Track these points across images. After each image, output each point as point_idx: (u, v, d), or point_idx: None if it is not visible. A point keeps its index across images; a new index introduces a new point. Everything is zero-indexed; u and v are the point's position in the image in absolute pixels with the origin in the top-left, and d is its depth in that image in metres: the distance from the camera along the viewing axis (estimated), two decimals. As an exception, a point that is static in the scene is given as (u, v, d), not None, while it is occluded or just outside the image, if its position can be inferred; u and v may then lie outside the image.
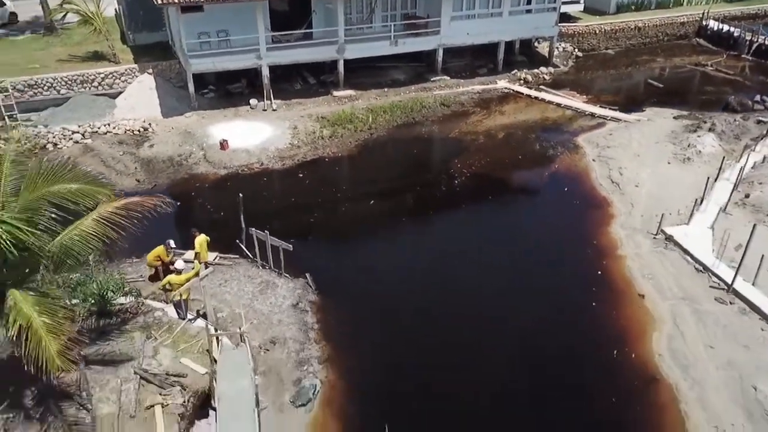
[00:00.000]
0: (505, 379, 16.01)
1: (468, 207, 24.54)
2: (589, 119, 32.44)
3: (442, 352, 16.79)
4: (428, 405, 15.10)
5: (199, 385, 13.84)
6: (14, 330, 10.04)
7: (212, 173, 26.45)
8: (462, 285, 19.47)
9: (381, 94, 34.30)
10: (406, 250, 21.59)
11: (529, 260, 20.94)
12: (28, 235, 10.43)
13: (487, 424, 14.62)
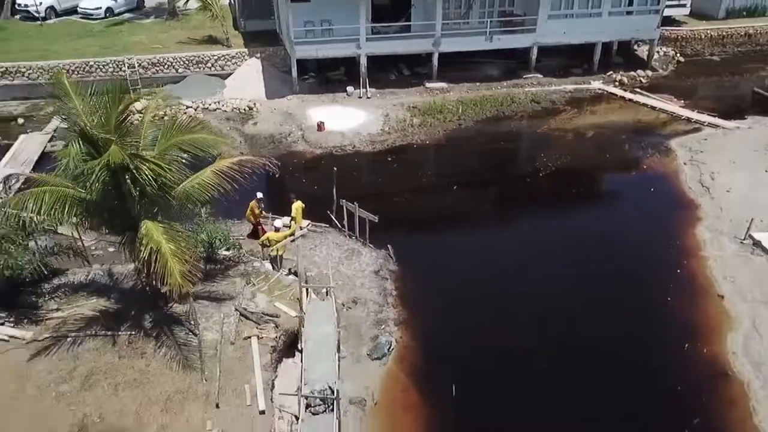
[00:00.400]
0: (574, 357, 16.59)
1: (550, 199, 25.02)
2: (684, 124, 31.79)
3: (512, 329, 17.58)
4: (494, 374, 15.97)
5: (290, 326, 15.48)
6: (146, 253, 11.98)
7: (308, 151, 28.40)
8: (538, 271, 20.12)
9: (472, 88, 35.12)
10: (484, 235, 22.47)
11: (608, 254, 21.20)
12: (166, 171, 12.37)
13: (547, 399, 15.29)
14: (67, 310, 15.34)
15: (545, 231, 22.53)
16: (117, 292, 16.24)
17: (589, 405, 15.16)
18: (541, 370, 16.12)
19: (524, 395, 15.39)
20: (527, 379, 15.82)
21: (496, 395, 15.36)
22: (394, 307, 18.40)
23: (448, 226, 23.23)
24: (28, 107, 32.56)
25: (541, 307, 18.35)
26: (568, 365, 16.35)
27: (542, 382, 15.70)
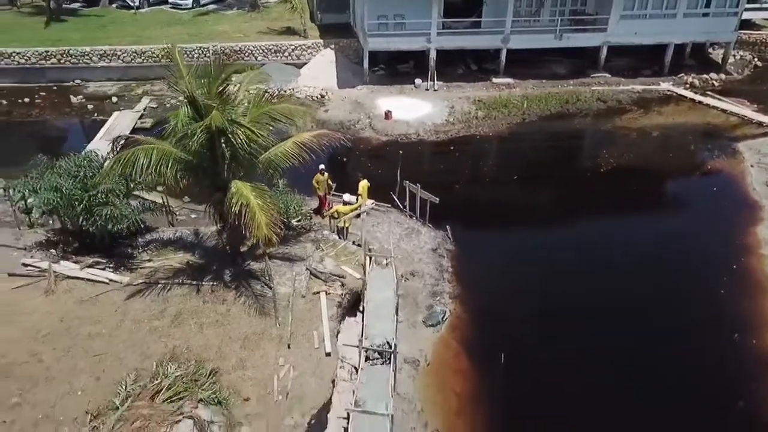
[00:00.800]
0: (624, 339, 17.19)
1: (609, 195, 25.38)
2: (755, 128, 31.32)
3: (563, 312, 18.26)
4: (542, 350, 16.79)
5: (354, 286, 16.88)
6: (236, 207, 13.62)
7: (375, 138, 29.83)
8: (594, 261, 20.76)
9: (538, 85, 35.67)
10: (541, 225, 23.13)
11: (667, 248, 21.47)
12: (258, 136, 13.98)
13: (592, 376, 16.01)
14: (157, 261, 17.29)
15: (603, 224, 23.12)
16: (201, 249, 18.10)
17: (635, 381, 15.80)
18: (590, 349, 16.83)
19: (571, 373, 16.10)
20: (576, 358, 16.52)
21: (542, 369, 16.16)
22: (449, 282, 19.46)
23: (505, 214, 24.03)
24: (120, 88, 35.51)
25: (596, 296, 19.00)
26: (618, 347, 16.97)
27: (590, 361, 16.42)
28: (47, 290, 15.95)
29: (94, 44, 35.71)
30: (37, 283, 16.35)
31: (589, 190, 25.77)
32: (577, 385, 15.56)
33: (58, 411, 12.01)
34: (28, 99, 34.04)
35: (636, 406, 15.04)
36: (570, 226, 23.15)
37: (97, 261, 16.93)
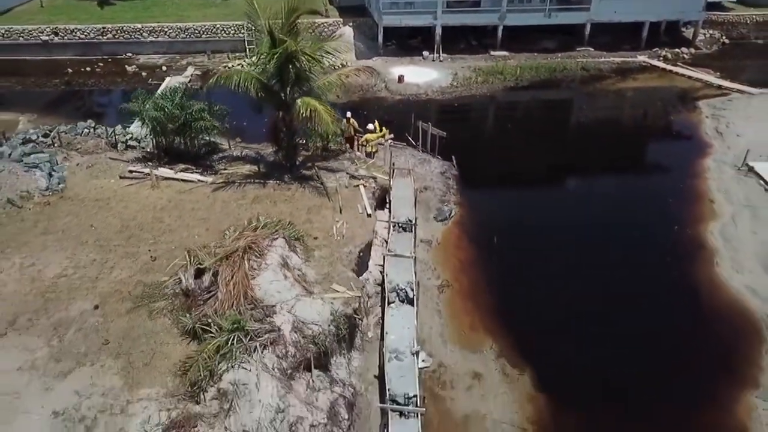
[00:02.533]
0: (596, 234, 22.50)
1: (587, 136, 30.79)
2: (715, 90, 36.56)
3: (543, 216, 23.58)
4: (520, 235, 22.14)
5: (383, 184, 22.23)
6: (307, 112, 18.97)
7: (390, 97, 35.14)
8: (571, 180, 26.16)
9: (530, 57, 40.91)
10: (527, 157, 28.42)
11: (631, 173, 26.96)
12: (318, 61, 19.35)
13: (558, 254, 21.37)
14: (231, 169, 22.63)
15: (579, 154, 28.44)
16: (263, 163, 23.44)
17: (597, 254, 21.17)
18: (558, 234, 22.20)
19: (542, 249, 21.43)
20: (546, 240, 21.87)
21: (519, 246, 21.49)
22: (454, 195, 24.75)
23: (499, 150, 29.49)
24: (167, 59, 40.85)
25: (566, 204, 24.44)
26: (591, 238, 22.32)
27: (555, 241, 21.78)
28: (153, 185, 21.28)
29: (144, 22, 41.03)
30: (143, 182, 21.68)
31: (569, 133, 31.23)
32: (546, 256, 21.05)
33: (184, 245, 17.28)
34: (89, 68, 39.46)
35: (585, 268, 20.51)
36: (550, 157, 28.49)
37: (186, 167, 22.26)
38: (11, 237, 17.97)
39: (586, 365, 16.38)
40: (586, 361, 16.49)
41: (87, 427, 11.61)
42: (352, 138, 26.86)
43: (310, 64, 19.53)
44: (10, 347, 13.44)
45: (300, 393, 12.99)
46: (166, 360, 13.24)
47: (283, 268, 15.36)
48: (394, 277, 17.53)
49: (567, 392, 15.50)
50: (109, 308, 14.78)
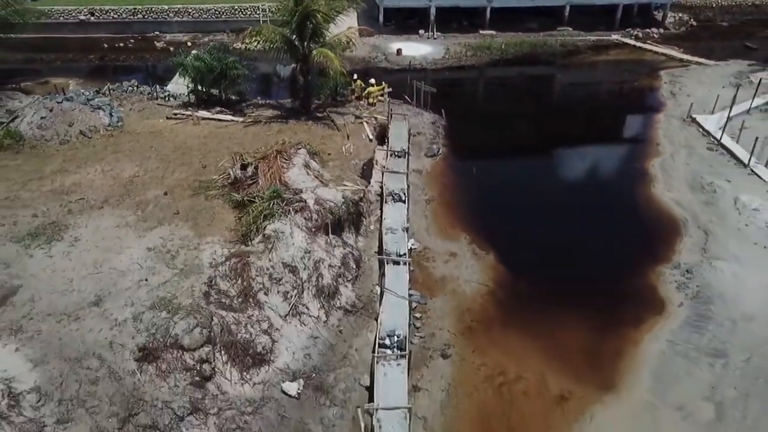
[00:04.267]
0: (559, 164, 27.46)
1: (560, 97, 35.82)
2: (677, 62, 41.45)
3: (511, 149, 28.58)
4: (493, 166, 27.09)
5: (382, 123, 27.14)
6: (321, 57, 23.86)
7: (389, 67, 40.04)
8: (544, 131, 31.09)
9: (515, 36, 45.74)
10: (505, 108, 33.56)
11: (594, 124, 31.94)
12: (330, 18, 24.28)
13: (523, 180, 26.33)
14: (256, 112, 27.55)
15: (550, 110, 33.39)
16: (283, 109, 28.37)
17: (556, 177, 26.11)
18: (526, 171, 27.16)
19: (512, 177, 26.45)
20: (515, 175, 26.86)
21: (492, 174, 26.57)
22: (442, 139, 29.68)
23: (482, 106, 34.77)
24: (191, 37, 45.74)
25: (538, 147, 29.38)
26: (553, 167, 27.27)
27: (524, 176, 26.73)
28: (194, 123, 26.20)
29: (170, 4, 45.97)
30: (185, 121, 26.59)
31: (545, 94, 36.24)
32: (512, 181, 26.10)
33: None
34: (122, 44, 44.39)
35: (546, 186, 25.48)
36: (526, 112, 33.53)
37: (221, 110, 27.19)
38: (88, 156, 22.87)
39: (538, 248, 21.36)
40: (538, 246, 21.49)
41: (172, 255, 16.50)
42: (359, 96, 31.79)
43: (324, 21, 24.40)
44: (107, 215, 18.33)
45: (321, 244, 17.90)
46: (222, 222, 18.15)
47: (305, 168, 20.26)
48: (390, 185, 22.43)
49: (519, 265, 20.46)
50: (175, 194, 19.68)
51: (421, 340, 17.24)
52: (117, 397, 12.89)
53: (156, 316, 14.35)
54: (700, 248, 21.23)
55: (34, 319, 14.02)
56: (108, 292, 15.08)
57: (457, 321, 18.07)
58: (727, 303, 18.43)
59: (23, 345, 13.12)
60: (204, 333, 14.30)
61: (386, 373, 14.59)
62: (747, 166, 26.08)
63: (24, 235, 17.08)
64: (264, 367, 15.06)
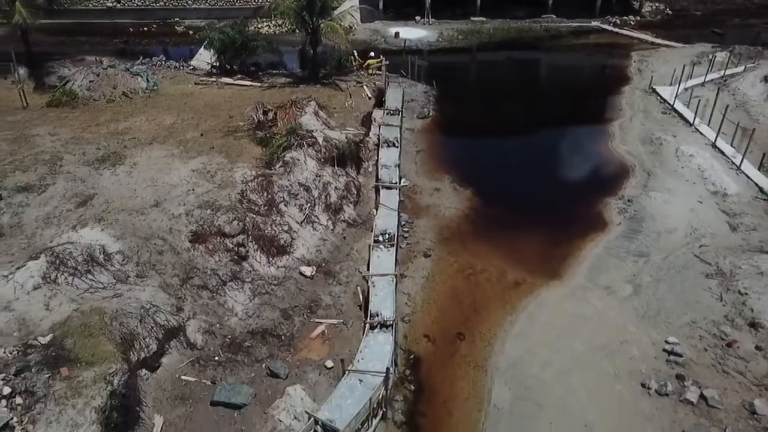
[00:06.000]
0: (532, 124, 31.90)
1: (542, 73, 40.39)
2: (649, 45, 45.79)
3: (497, 116, 33.00)
4: (476, 127, 31.52)
5: (381, 88, 31.60)
6: (328, 29, 28.30)
7: (388, 48, 44.40)
8: (528, 95, 35.53)
9: (503, 22, 50.11)
10: (489, 81, 37.95)
11: (567, 94, 36.37)
12: None
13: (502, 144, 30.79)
14: (272, 79, 32.00)
15: (531, 83, 37.82)
16: (295, 77, 32.84)
17: (527, 135, 30.58)
18: (504, 130, 31.60)
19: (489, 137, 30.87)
20: (493, 131, 31.29)
21: (475, 132, 30.96)
22: (433, 104, 34.11)
23: (470, 78, 39.32)
24: (207, 23, 50.00)
25: (516, 111, 33.82)
26: (526, 126, 31.72)
27: (501, 133, 31.19)
28: (219, 87, 30.67)
29: (188, -8, 50.48)
30: (210, 86, 31.07)
31: (527, 71, 40.70)
32: (491, 136, 30.53)
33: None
34: (146, 29, 48.90)
35: (517, 142, 29.97)
36: (509, 84, 37.98)
37: (241, 77, 31.66)
38: (132, 110, 27.29)
39: (508, 186, 26.02)
40: (508, 185, 26.19)
41: (211, 175, 20.92)
42: (360, 67, 36.27)
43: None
44: (156, 149, 22.76)
45: (329, 172, 22.36)
46: (249, 153, 22.58)
47: (315, 115, 24.69)
48: (386, 135, 26.90)
49: (491, 198, 24.97)
50: (209, 135, 24.11)
51: (408, 246, 21.66)
52: (177, 264, 17.34)
53: (203, 212, 18.82)
54: (642, 185, 25.62)
55: (111, 213, 18.46)
56: (164, 197, 19.52)
57: (437, 234, 22.50)
58: (656, 221, 22.83)
59: (106, 228, 17.58)
60: (240, 225, 18.75)
61: (379, 256, 19.04)
62: (692, 125, 30.46)
63: (93, 160, 21.54)
64: (285, 256, 19.49)
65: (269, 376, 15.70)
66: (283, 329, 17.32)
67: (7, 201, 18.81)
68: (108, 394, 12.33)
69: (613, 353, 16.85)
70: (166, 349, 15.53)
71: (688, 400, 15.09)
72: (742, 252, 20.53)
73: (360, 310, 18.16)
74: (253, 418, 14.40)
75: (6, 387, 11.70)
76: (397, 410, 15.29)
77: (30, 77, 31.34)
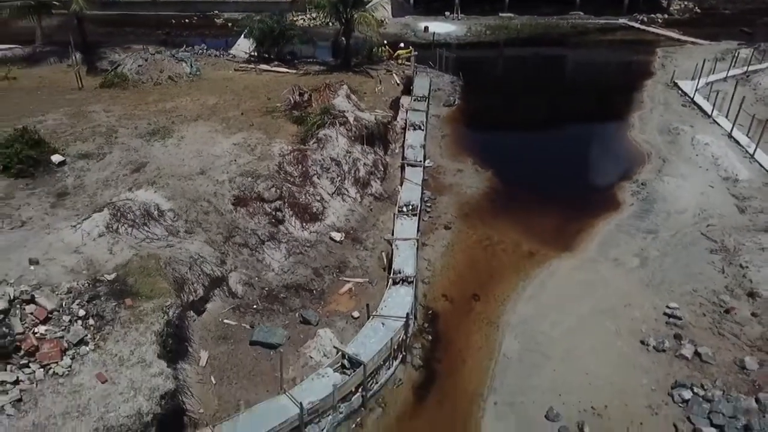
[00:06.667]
0: (557, 114, 33.30)
1: (568, 67, 41.73)
2: (674, 42, 46.57)
3: (521, 107, 34.41)
4: (500, 114, 32.99)
5: (409, 76, 33.27)
6: (361, 20, 30.11)
7: (418, 41, 46.07)
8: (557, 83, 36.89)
9: (531, 18, 51.28)
10: (515, 73, 39.31)
11: (592, 84, 37.62)
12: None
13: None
14: (306, 66, 33.93)
15: (558, 76, 39.17)
16: (327, 65, 34.70)
17: (552, 124, 31.95)
18: (527, 118, 33.03)
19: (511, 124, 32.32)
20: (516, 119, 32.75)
21: (499, 118, 32.44)
22: (459, 94, 35.67)
23: (496, 71, 40.60)
24: (244, 16, 52.31)
25: (542, 104, 35.23)
26: (551, 116, 33.11)
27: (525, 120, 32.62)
28: (257, 73, 32.68)
29: (228, -14, 52.84)
30: (249, 72, 33.10)
31: (553, 65, 41.90)
32: (513, 123, 31.99)
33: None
34: (187, 21, 51.40)
35: (543, 131, 31.36)
36: (533, 76, 39.27)
37: (278, 64, 33.65)
38: (178, 92, 29.41)
39: (530, 170, 27.55)
40: (530, 169, 27.76)
41: (251, 148, 22.86)
42: (390, 57, 38.00)
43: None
44: (201, 125, 24.78)
45: (358, 149, 24.12)
46: (286, 131, 24.45)
47: (347, 98, 26.47)
48: (413, 119, 28.56)
49: (512, 179, 26.55)
50: (249, 115, 26.06)
51: (430, 219, 23.30)
52: (221, 224, 19.26)
53: (244, 180, 20.73)
54: (656, 170, 26.82)
55: (162, 178, 20.48)
56: (209, 166, 21.48)
57: (458, 209, 24.10)
58: (667, 202, 24.07)
59: (159, 190, 19.57)
60: (277, 192, 20.62)
61: (402, 223, 20.74)
62: (710, 116, 31.43)
63: (144, 134, 23.66)
64: (317, 222, 21.31)
65: (302, 323, 17.49)
66: (314, 285, 19.12)
67: (70, 166, 21.01)
68: (165, 322, 14.24)
69: (617, 315, 18.23)
70: (211, 295, 17.43)
71: (683, 355, 16.42)
72: (747, 231, 21.67)
73: (384, 272, 19.85)
74: (288, 355, 16.19)
75: (81, 310, 13.68)
76: (415, 356, 16.97)
77: (84, 62, 33.74)
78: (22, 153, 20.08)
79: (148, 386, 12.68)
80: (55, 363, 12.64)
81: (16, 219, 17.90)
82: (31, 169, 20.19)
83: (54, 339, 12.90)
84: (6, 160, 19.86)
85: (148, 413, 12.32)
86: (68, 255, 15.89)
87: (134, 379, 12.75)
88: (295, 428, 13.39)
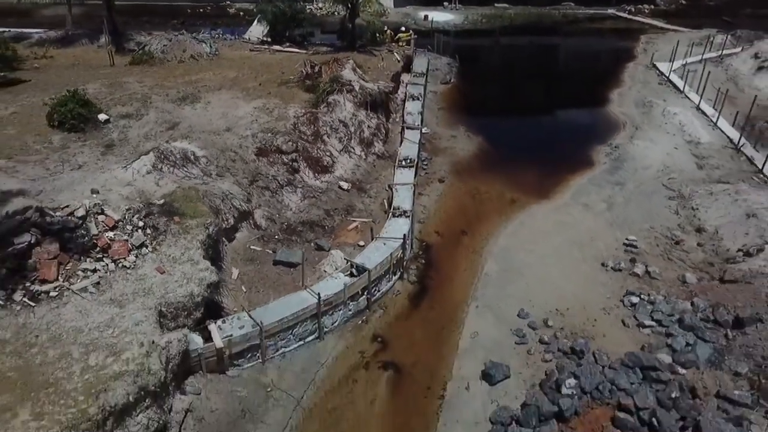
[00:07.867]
0: (545, 88, 36.54)
1: (557, 51, 44.88)
2: (658, 30, 49.87)
3: (511, 81, 37.64)
4: (492, 92, 36.20)
5: (408, 55, 36.52)
6: (367, 6, 33.30)
7: (418, 29, 49.31)
8: (546, 62, 40.13)
9: (524, 9, 54.73)
10: (511, 58, 42.50)
11: (578, 66, 40.82)
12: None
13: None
14: (315, 47, 37.20)
15: (547, 59, 42.38)
16: (334, 47, 37.94)
17: (538, 97, 35.22)
18: (517, 93, 36.23)
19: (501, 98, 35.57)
20: (507, 94, 35.96)
21: (493, 94, 35.70)
22: (454, 74, 38.91)
23: (489, 54, 43.73)
24: (256, 5, 55.76)
25: (530, 86, 38.44)
26: (538, 89, 36.37)
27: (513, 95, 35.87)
28: (271, 53, 35.96)
29: (240, -22, 56.15)
30: (263, 53, 36.37)
31: (543, 49, 45.12)
32: (504, 97, 35.19)
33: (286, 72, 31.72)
34: (201, 10, 54.74)
35: (529, 104, 34.63)
36: (524, 59, 42.50)
37: (290, 45, 36.94)
38: (200, 68, 32.66)
39: (516, 136, 30.83)
40: (516, 135, 31.07)
41: (270, 110, 26.12)
42: (391, 40, 41.25)
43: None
44: (224, 93, 28.03)
45: (363, 114, 27.39)
46: (299, 98, 27.72)
47: (353, 71, 29.75)
48: (412, 91, 31.82)
49: (500, 143, 29.77)
50: (266, 85, 29.34)
51: (425, 174, 26.56)
52: (246, 170, 22.52)
53: (265, 135, 23.99)
54: (629, 136, 30.05)
55: (194, 133, 23.74)
56: (234, 125, 24.74)
57: (451, 167, 27.35)
58: (635, 161, 27.30)
59: (192, 141, 22.86)
60: (293, 145, 23.89)
61: (402, 172, 24.01)
62: (682, 92, 34.65)
63: (175, 99, 26.92)
64: (328, 174, 24.57)
65: (316, 249, 20.75)
66: (326, 222, 22.38)
67: (114, 123, 24.29)
68: (206, 234, 17.52)
69: (583, 246, 21.48)
70: (239, 227, 20.69)
71: (635, 273, 19.65)
72: (703, 182, 24.88)
73: (386, 215, 23.10)
74: (305, 272, 19.46)
75: (140, 222, 16.96)
76: (411, 274, 20.22)
77: (112, 43, 37.03)
78: (74, 111, 23.35)
79: (197, 277, 15.96)
80: (123, 258, 15.93)
81: (74, 163, 21.15)
82: (82, 125, 23.43)
83: (122, 240, 16.19)
84: (61, 116, 23.13)
85: (198, 295, 15.61)
86: (122, 187, 19.11)
87: (186, 272, 16.04)
88: (314, 315, 16.62)
